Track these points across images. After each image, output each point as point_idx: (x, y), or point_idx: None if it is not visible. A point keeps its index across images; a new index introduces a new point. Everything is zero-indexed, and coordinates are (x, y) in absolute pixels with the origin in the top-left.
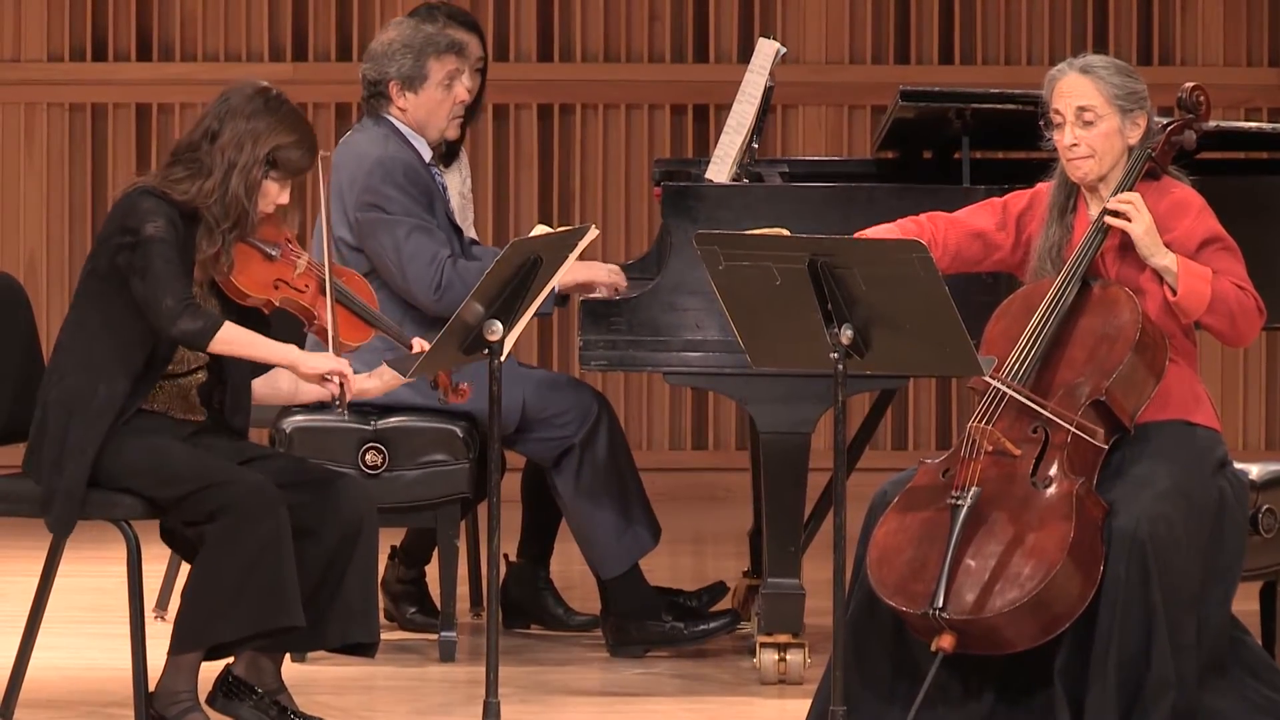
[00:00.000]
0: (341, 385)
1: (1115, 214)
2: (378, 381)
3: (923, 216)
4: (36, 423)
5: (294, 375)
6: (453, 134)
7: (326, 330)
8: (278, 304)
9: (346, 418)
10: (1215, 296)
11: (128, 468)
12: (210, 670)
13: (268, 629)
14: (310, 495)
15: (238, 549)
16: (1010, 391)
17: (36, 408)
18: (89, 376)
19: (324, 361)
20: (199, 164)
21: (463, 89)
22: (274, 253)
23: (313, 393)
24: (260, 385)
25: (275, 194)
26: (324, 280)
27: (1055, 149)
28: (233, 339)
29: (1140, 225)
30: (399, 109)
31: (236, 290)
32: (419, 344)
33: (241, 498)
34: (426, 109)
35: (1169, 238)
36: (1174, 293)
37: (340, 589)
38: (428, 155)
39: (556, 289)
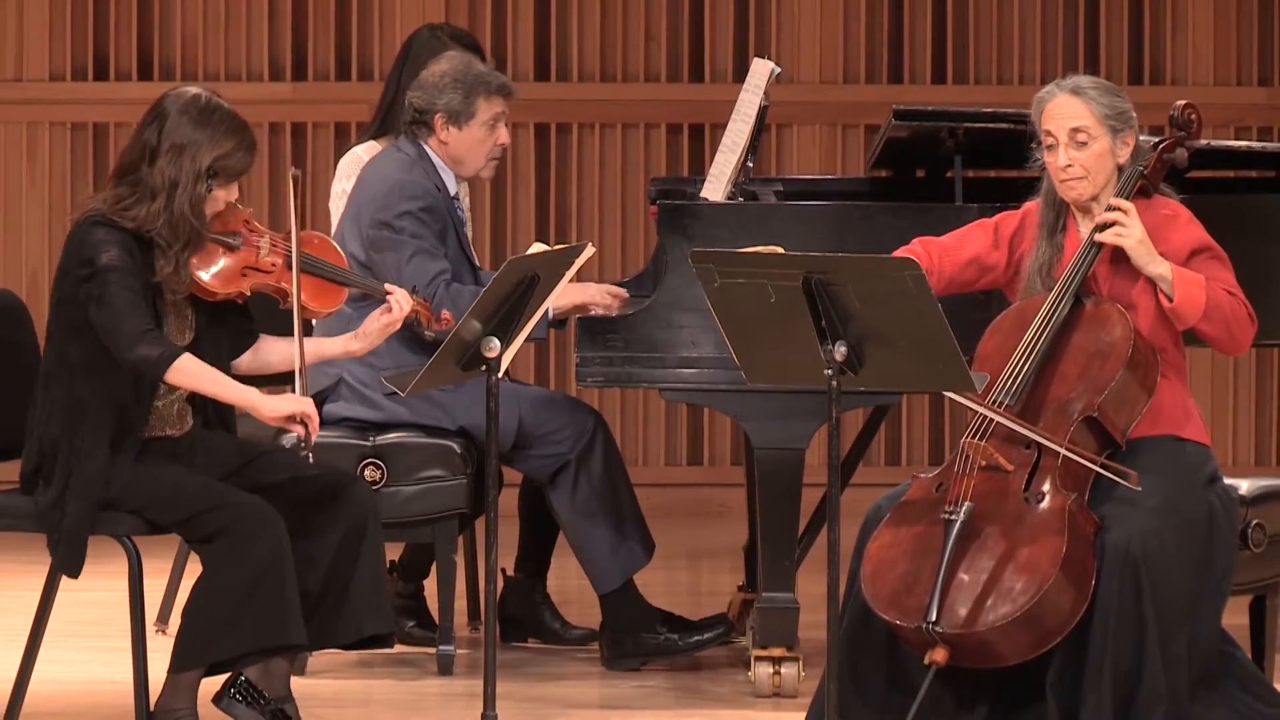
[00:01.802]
0: (306, 425)
1: (1107, 226)
2: (362, 342)
3: (916, 244)
4: (30, 453)
5: (268, 343)
6: (487, 174)
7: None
8: (249, 292)
9: (311, 460)
10: (1210, 303)
11: (127, 497)
12: (214, 681)
13: (268, 646)
14: (315, 495)
15: (238, 569)
16: (996, 416)
17: (30, 436)
18: (79, 414)
19: (285, 404)
20: (142, 185)
21: (505, 132)
22: (235, 242)
23: (314, 356)
24: (245, 360)
25: (224, 198)
26: (289, 255)
27: (1044, 168)
28: (189, 371)
29: (1133, 237)
30: (440, 141)
31: (206, 291)
32: (390, 290)
33: (239, 519)
34: (467, 145)
35: (1161, 250)
36: (1169, 300)
37: (350, 585)
38: (453, 188)
39: (551, 314)
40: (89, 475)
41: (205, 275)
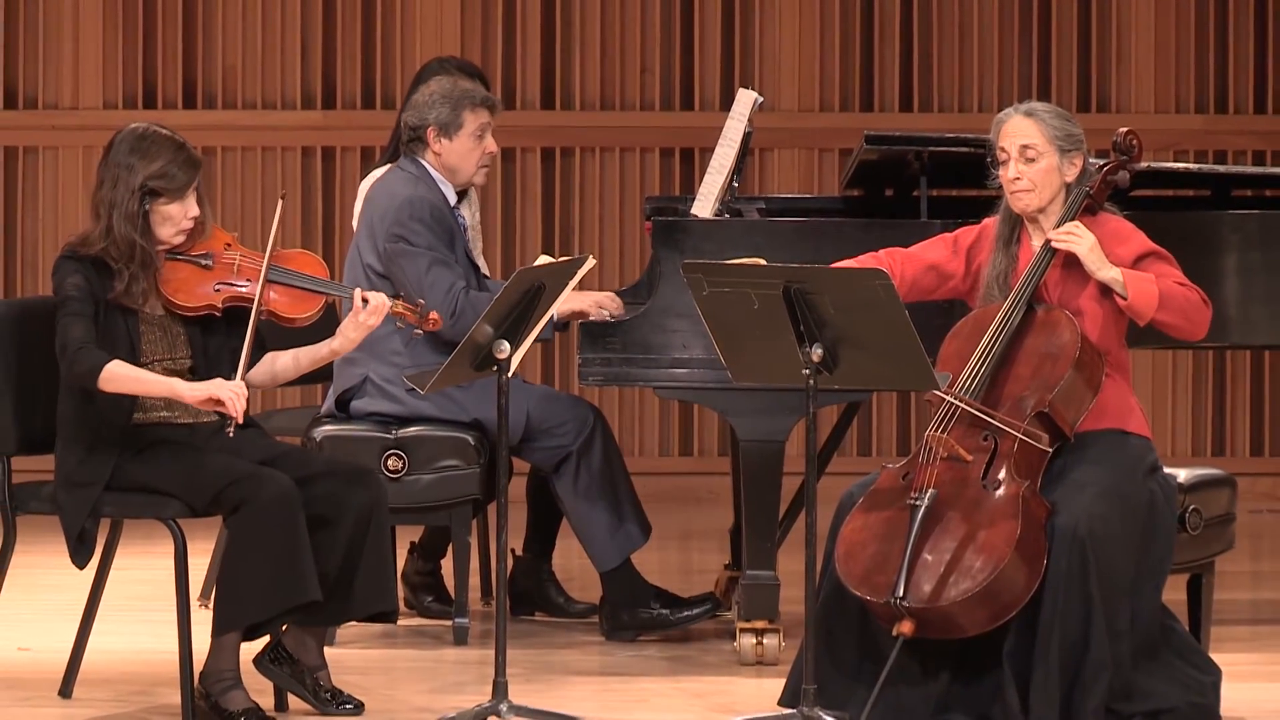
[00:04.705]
0: (227, 406)
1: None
2: (340, 340)
3: (881, 252)
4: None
5: (294, 355)
6: (480, 180)
7: (275, 314)
8: (222, 306)
9: (232, 435)
10: (1163, 294)
11: (155, 485)
12: (252, 647)
13: (292, 606)
14: (328, 488)
15: (259, 538)
16: (962, 405)
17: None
18: (66, 418)
19: (203, 389)
20: (97, 214)
21: (492, 141)
22: (207, 261)
23: (311, 361)
24: (259, 375)
25: (177, 214)
26: (261, 272)
27: (1001, 186)
28: (120, 375)
29: (1085, 245)
30: (434, 153)
31: (177, 307)
32: (359, 294)
33: (257, 491)
34: (458, 155)
35: (1109, 259)
36: (1124, 299)
37: (359, 568)
38: (453, 199)
39: (555, 317)
40: (74, 471)
41: (177, 291)
